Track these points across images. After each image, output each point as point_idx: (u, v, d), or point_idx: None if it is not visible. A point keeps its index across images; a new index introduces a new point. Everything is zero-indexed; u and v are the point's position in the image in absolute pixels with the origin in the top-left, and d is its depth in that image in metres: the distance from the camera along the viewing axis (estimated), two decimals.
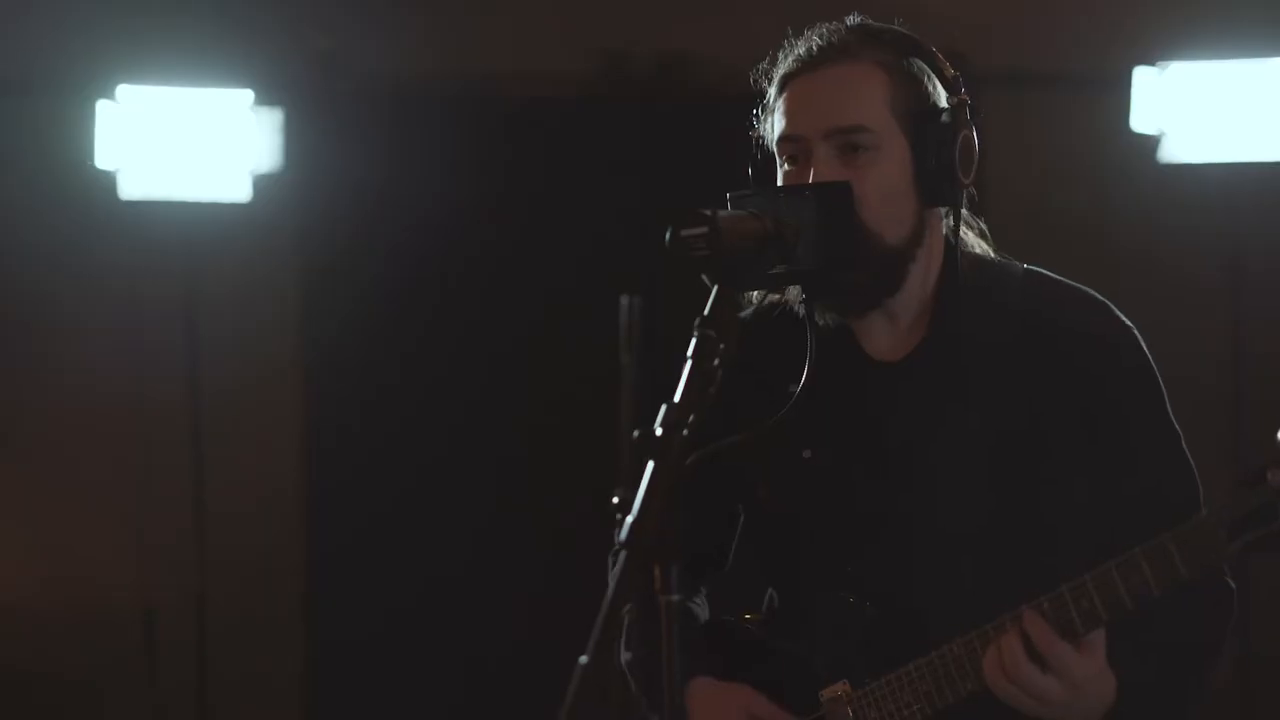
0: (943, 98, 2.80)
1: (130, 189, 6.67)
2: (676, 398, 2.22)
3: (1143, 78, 6.50)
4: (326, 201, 7.07)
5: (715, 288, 2.34)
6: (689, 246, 2.39)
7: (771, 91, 2.85)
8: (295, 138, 6.88)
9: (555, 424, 6.97)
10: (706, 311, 2.30)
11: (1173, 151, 6.50)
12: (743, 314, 2.90)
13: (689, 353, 2.26)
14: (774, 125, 2.83)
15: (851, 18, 2.88)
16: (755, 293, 2.83)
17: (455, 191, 7.02)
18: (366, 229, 7.07)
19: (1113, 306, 2.88)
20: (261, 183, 6.79)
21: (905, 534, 2.83)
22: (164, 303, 6.99)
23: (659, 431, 2.19)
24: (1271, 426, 2.64)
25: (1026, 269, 2.91)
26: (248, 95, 6.70)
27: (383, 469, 7.10)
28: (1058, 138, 6.85)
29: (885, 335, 2.86)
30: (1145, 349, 2.86)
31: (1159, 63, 6.47)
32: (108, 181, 6.66)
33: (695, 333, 2.27)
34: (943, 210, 2.84)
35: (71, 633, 7.10)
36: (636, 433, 2.18)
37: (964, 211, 2.83)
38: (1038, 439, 2.79)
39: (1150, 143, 6.50)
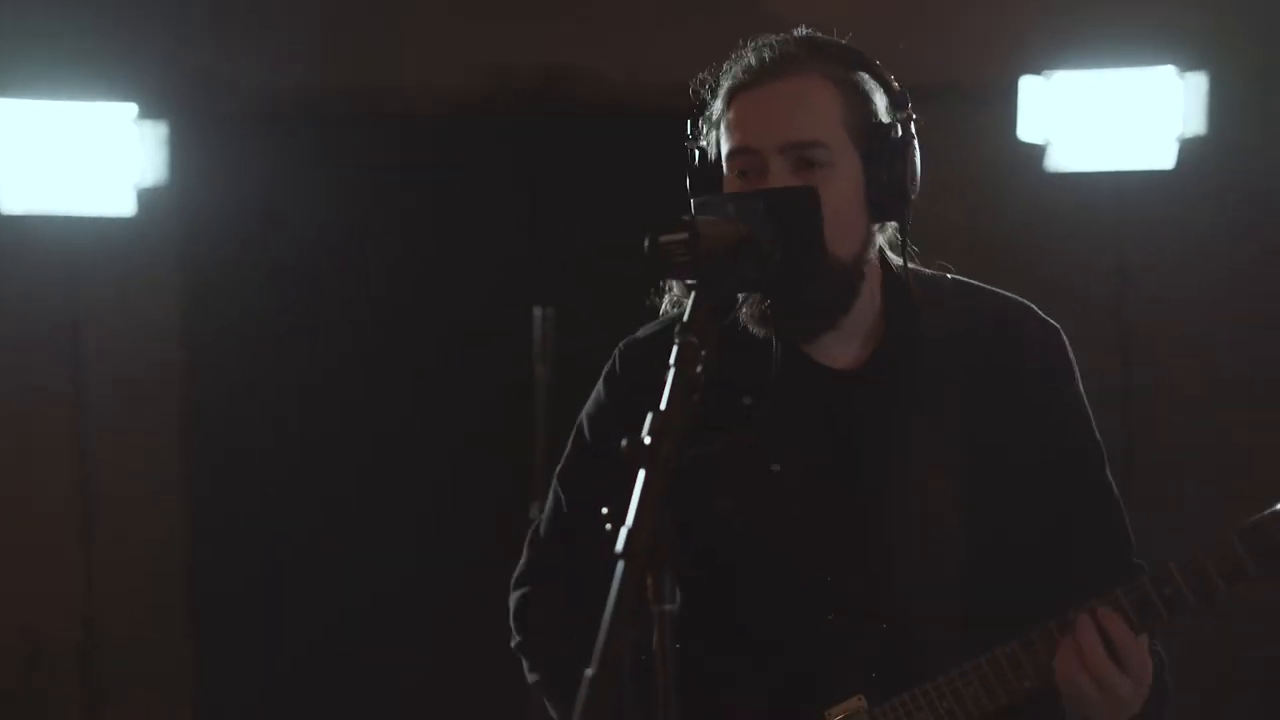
0: (886, 112, 2.82)
1: (10, 203, 6.58)
2: (663, 405, 2.19)
3: (1029, 87, 6.54)
4: (210, 216, 7.02)
5: (693, 294, 2.32)
6: (669, 252, 2.37)
7: (717, 104, 2.83)
8: (179, 152, 6.81)
9: (466, 437, 6.94)
10: (686, 318, 2.28)
11: (1059, 160, 6.54)
12: (657, 321, 2.91)
13: (671, 360, 2.24)
14: (722, 138, 2.81)
15: (799, 30, 2.87)
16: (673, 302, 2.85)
17: (341, 207, 6.98)
18: (251, 244, 7.02)
19: (1036, 309, 2.95)
20: (145, 197, 6.72)
21: (887, 542, 2.83)
22: (46, 319, 6.90)
23: (648, 440, 2.16)
24: (1158, 432, 2.71)
25: (952, 278, 2.95)
26: (131, 108, 6.64)
27: (268, 491, 7.04)
28: (945, 147, 6.81)
29: (836, 346, 2.86)
30: (1069, 348, 2.93)
31: (1045, 72, 6.51)
32: None
33: (676, 340, 2.25)
34: (878, 225, 2.85)
35: None
36: (625, 442, 2.15)
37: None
38: (995, 439, 2.83)
39: (1037, 151, 6.54)
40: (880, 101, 2.81)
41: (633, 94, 6.33)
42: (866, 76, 2.81)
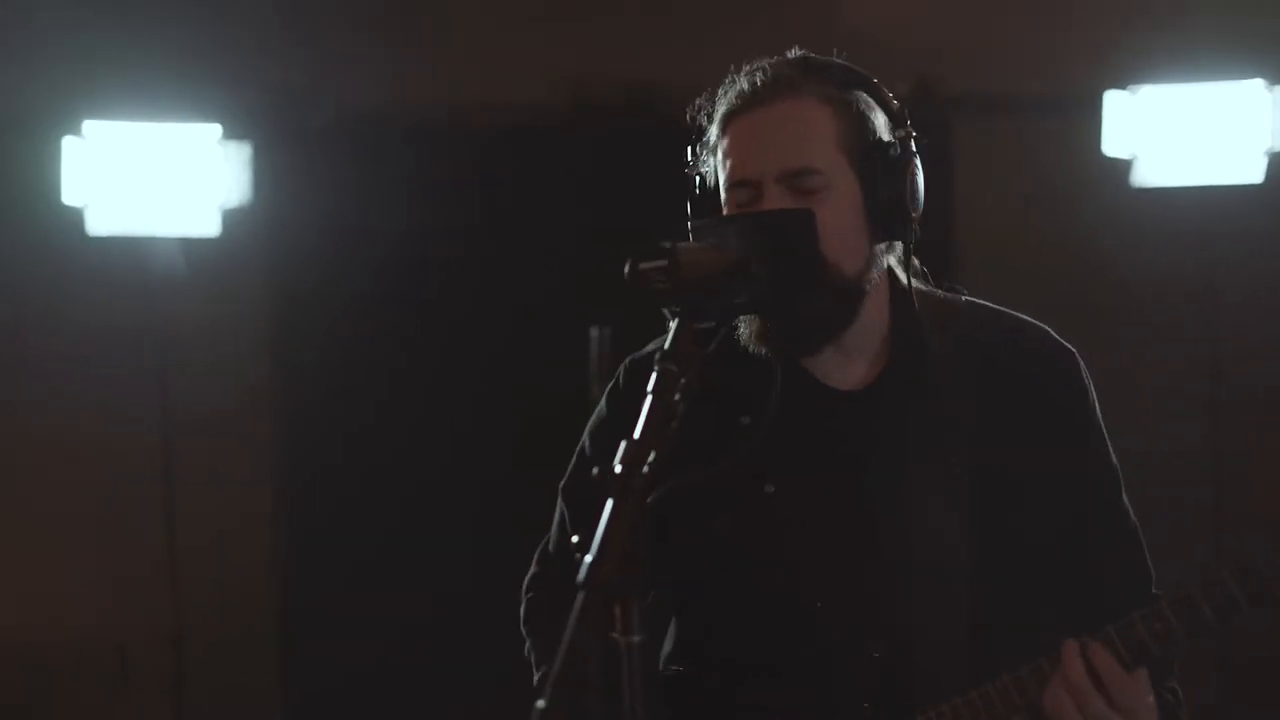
0: (886, 130, 2.78)
1: (98, 225, 6.63)
2: (637, 434, 2.17)
3: (1114, 101, 6.49)
4: (295, 235, 7.04)
5: (675, 321, 2.31)
6: (649, 279, 2.35)
7: (713, 130, 2.81)
8: (263, 172, 6.85)
9: (527, 455, 6.93)
10: (667, 345, 2.26)
11: (1145, 175, 6.49)
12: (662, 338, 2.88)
13: (649, 387, 2.22)
14: (720, 166, 2.79)
15: (792, 51, 2.84)
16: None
17: (424, 224, 6.99)
18: (335, 262, 7.04)
19: (1052, 332, 2.90)
20: (230, 217, 6.76)
21: (883, 568, 2.78)
22: (133, 340, 6.94)
23: (619, 469, 2.14)
24: (1246, 444, 2.68)
25: (967, 300, 2.91)
26: (215, 129, 6.67)
27: (356, 503, 7.07)
28: (1030, 162, 6.83)
29: (838, 367, 2.83)
30: (1085, 372, 2.88)
31: (1130, 86, 6.46)
32: (75, 218, 6.62)
33: (656, 367, 2.23)
34: (884, 245, 2.80)
35: (45, 673, 7.04)
36: (596, 470, 2.13)
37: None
38: (1003, 462, 2.79)
39: (1122, 166, 6.49)
40: (879, 120, 2.77)
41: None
42: (863, 95, 2.78)
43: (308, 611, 7.15)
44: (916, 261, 2.86)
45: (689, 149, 2.88)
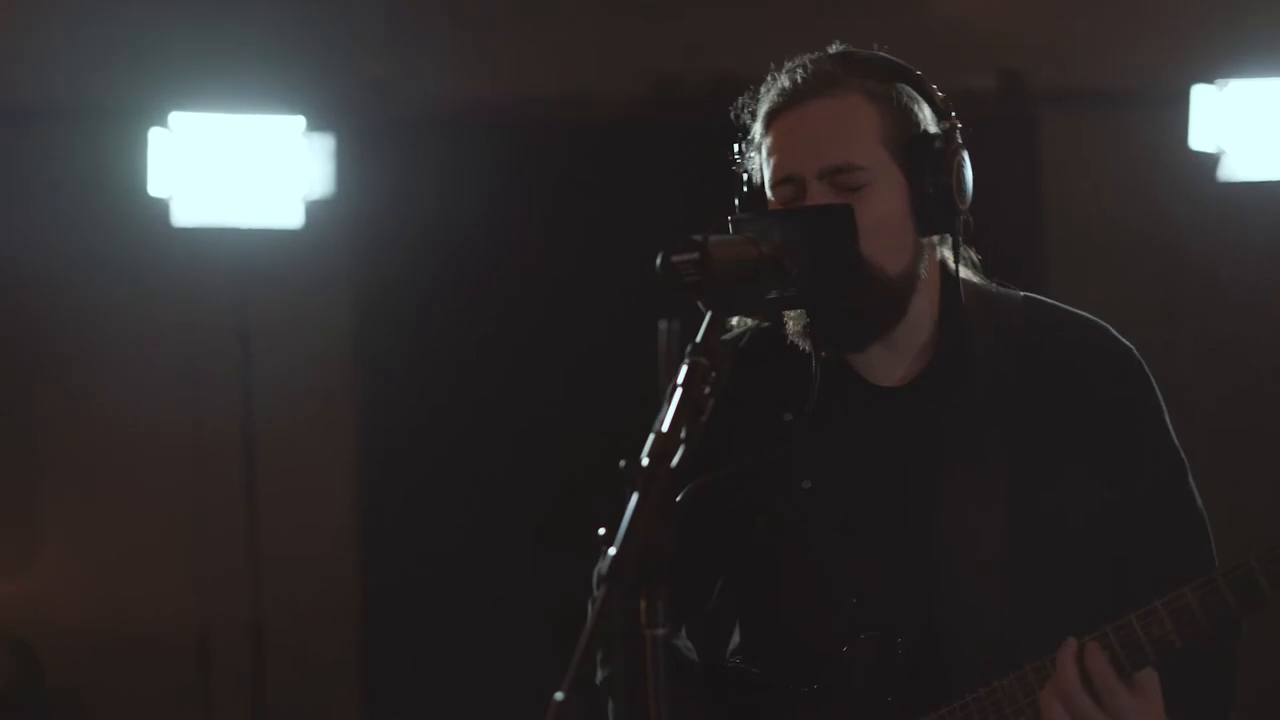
0: (931, 123, 2.75)
1: (183, 216, 6.67)
2: (664, 426, 2.17)
3: (1201, 95, 6.45)
4: (378, 227, 7.07)
5: (707, 314, 2.30)
6: (679, 272, 2.36)
7: (757, 128, 2.80)
8: (347, 163, 6.88)
9: (600, 450, 6.93)
10: (698, 338, 2.25)
11: (1232, 169, 6.45)
12: (730, 339, 2.86)
13: (679, 380, 2.21)
14: (765, 164, 2.77)
15: (834, 46, 2.82)
16: (747, 319, 2.81)
17: (507, 215, 7.00)
18: (419, 254, 7.06)
19: (1111, 329, 2.85)
20: (314, 209, 6.78)
21: (921, 563, 2.76)
22: (217, 330, 6.98)
23: (645, 461, 2.13)
24: None
25: (1025, 296, 2.87)
26: (299, 121, 6.71)
27: (437, 496, 7.08)
28: (1117, 155, 6.80)
29: (884, 364, 2.80)
30: (1147, 370, 2.83)
31: (1217, 80, 6.42)
32: (161, 209, 6.66)
33: (686, 360, 2.22)
34: (934, 239, 2.77)
35: (127, 661, 7.09)
36: (622, 463, 2.13)
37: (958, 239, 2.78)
38: (1049, 462, 2.76)
39: (1210, 161, 6.45)
40: (924, 113, 2.74)
41: None
42: (907, 88, 2.75)
43: (387, 600, 7.17)
44: (973, 255, 2.84)
45: (734, 147, 2.86)
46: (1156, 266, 6.04)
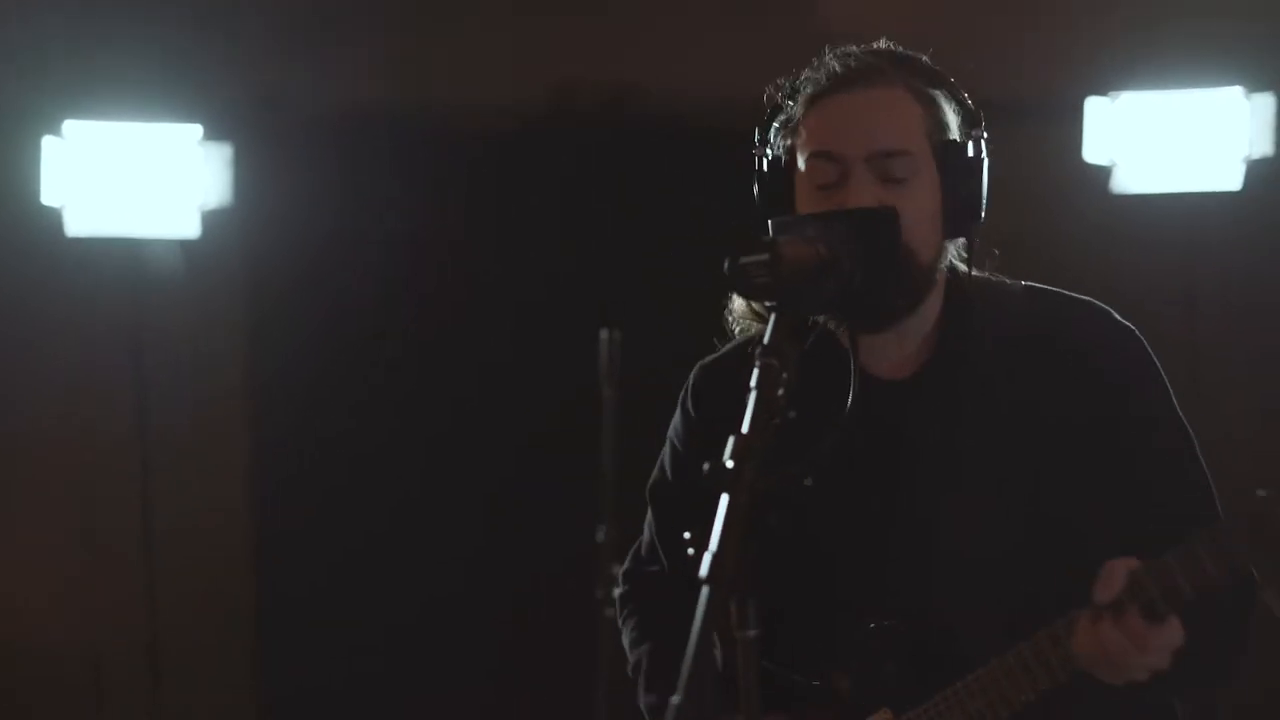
0: (960, 130, 2.82)
1: (77, 226, 6.61)
2: (744, 429, 2.20)
3: (1095, 108, 6.50)
4: (275, 237, 7.02)
5: (774, 315, 2.33)
6: (750, 274, 2.37)
7: (797, 109, 2.81)
8: (243, 172, 6.83)
9: (530, 458, 6.92)
10: (767, 340, 2.29)
11: (1125, 182, 6.50)
12: (732, 343, 2.89)
13: (753, 383, 2.25)
14: (800, 144, 2.79)
15: (880, 43, 2.88)
16: (741, 324, 2.84)
17: (406, 225, 6.98)
18: (315, 264, 7.02)
19: (1113, 312, 2.92)
20: (210, 218, 6.74)
21: (926, 552, 2.80)
22: (112, 341, 6.93)
23: (730, 464, 2.16)
24: (1223, 455, 2.66)
25: (1025, 285, 2.93)
26: (196, 130, 6.66)
27: (334, 511, 7.03)
28: (1010, 168, 6.81)
29: (890, 356, 2.85)
30: (1149, 349, 2.90)
31: (1110, 93, 6.47)
32: (54, 218, 6.60)
33: (757, 362, 2.26)
34: (950, 241, 2.83)
35: (18, 681, 7.01)
36: (707, 466, 2.15)
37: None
38: (1053, 449, 2.79)
39: (1103, 173, 6.50)
40: (954, 119, 2.81)
41: (698, 111, 6.33)
42: (943, 94, 2.80)
43: (283, 616, 7.12)
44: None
45: (759, 129, 2.88)
46: (1049, 278, 6.05)
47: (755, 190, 2.86)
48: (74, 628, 7.03)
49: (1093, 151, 6.52)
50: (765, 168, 2.84)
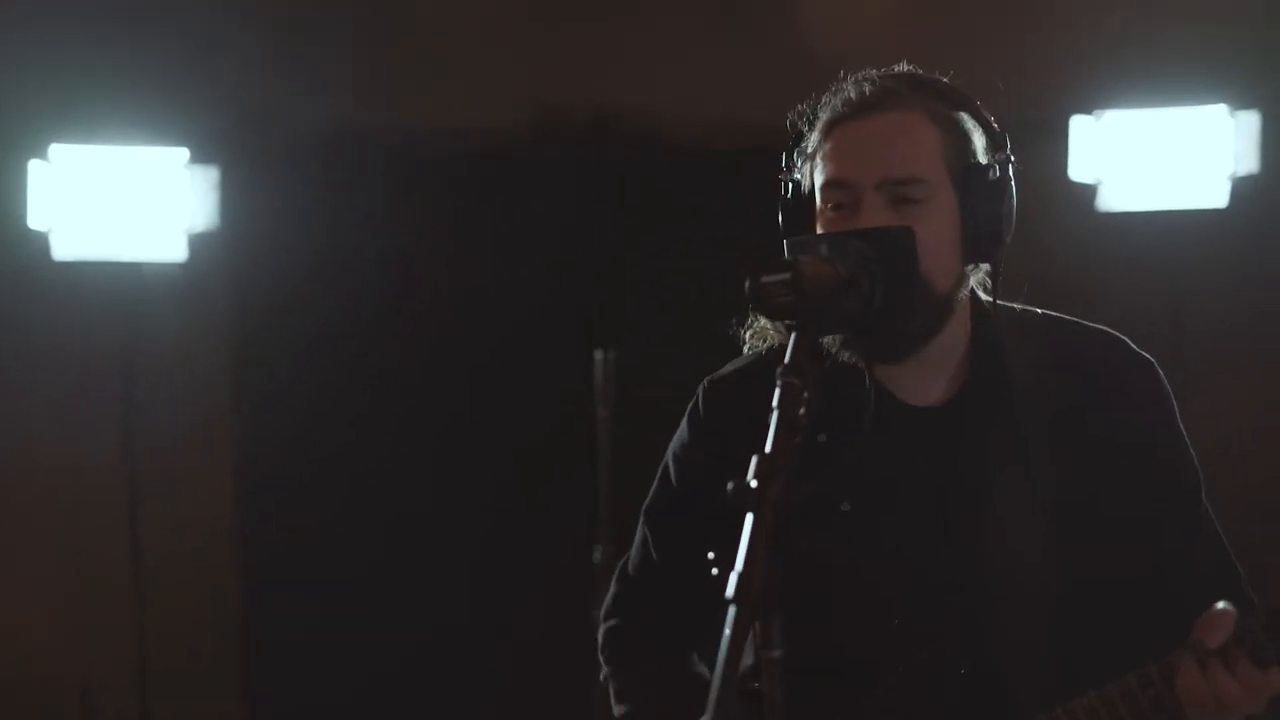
0: (984, 152, 2.77)
1: (64, 249, 6.61)
2: (768, 448, 2.19)
3: (1080, 126, 6.52)
4: (262, 259, 7.02)
5: (794, 335, 2.32)
6: (770, 293, 2.35)
7: (815, 136, 2.78)
8: (231, 195, 6.83)
9: (527, 480, 6.91)
10: (788, 360, 2.28)
11: (1110, 200, 6.51)
12: (741, 360, 2.90)
13: (774, 403, 2.24)
14: (817, 170, 2.76)
15: (901, 66, 2.85)
16: (756, 344, 2.84)
17: (393, 246, 6.98)
18: (302, 287, 7.02)
19: (1130, 342, 2.90)
20: (197, 242, 6.74)
21: (967, 584, 2.78)
22: (99, 364, 6.92)
23: (754, 484, 2.16)
24: (1210, 470, 2.67)
25: (1043, 313, 2.91)
26: (182, 153, 6.66)
27: (321, 536, 7.02)
28: None
29: (918, 383, 2.82)
30: (1165, 382, 2.88)
31: (1095, 111, 6.48)
32: (41, 242, 6.60)
33: (779, 381, 2.24)
34: (971, 266, 2.80)
35: (7, 710, 6.99)
36: (730, 485, 2.15)
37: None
38: (1087, 476, 2.77)
39: (1088, 191, 6.51)
40: (979, 142, 2.77)
41: (684, 131, 6.34)
42: (966, 116, 2.78)
43: (272, 641, 7.11)
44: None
45: (784, 155, 2.86)
46: (1034, 296, 6.05)
47: (780, 218, 2.83)
48: (63, 654, 7.01)
49: (1078, 170, 6.53)
50: (788, 196, 2.82)
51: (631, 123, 6.84)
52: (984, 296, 2.83)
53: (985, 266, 2.81)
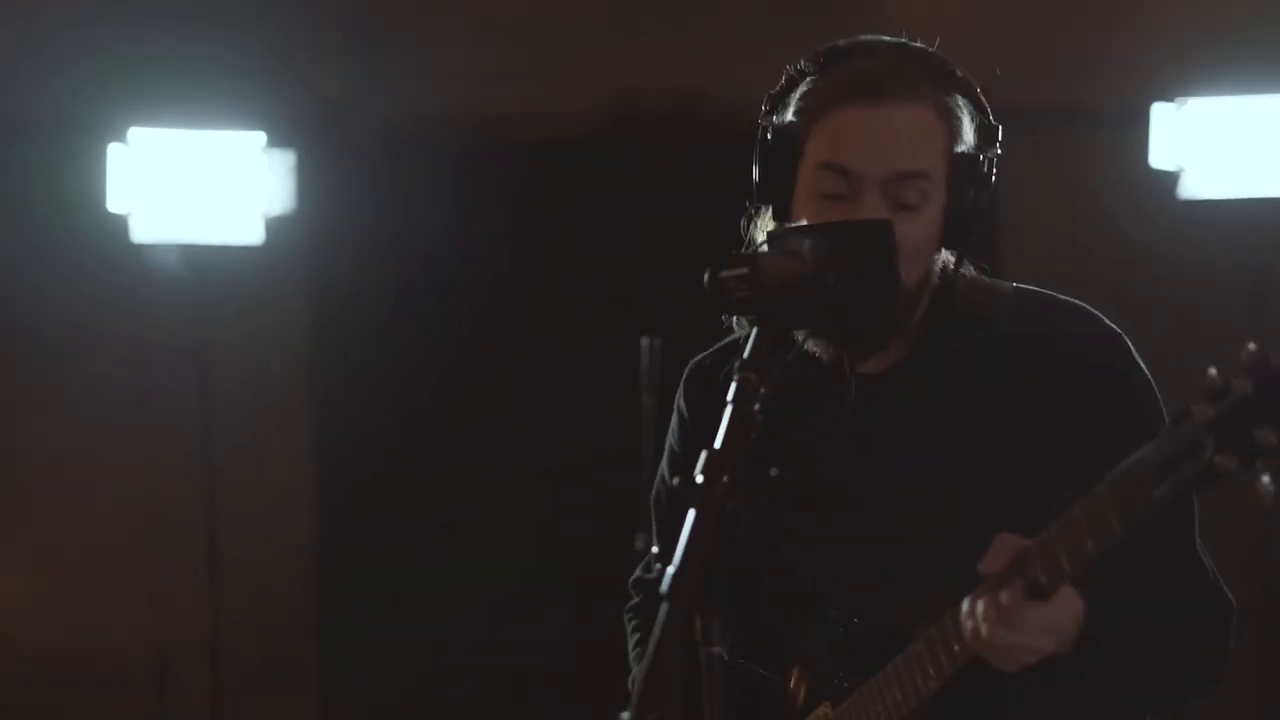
0: (974, 134, 2.72)
1: (142, 232, 6.64)
2: (717, 444, 2.17)
3: (1161, 114, 6.46)
4: (338, 244, 7.05)
5: (754, 330, 2.29)
6: (728, 288, 2.33)
7: (813, 97, 2.71)
8: (307, 180, 6.86)
9: (577, 466, 6.92)
10: (746, 354, 2.25)
11: (1192, 188, 6.46)
12: (726, 344, 2.88)
13: (729, 397, 2.21)
14: (815, 144, 2.69)
15: (913, 40, 2.76)
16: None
17: (468, 233, 6.99)
18: (378, 272, 7.05)
19: (1103, 317, 2.81)
20: (273, 225, 6.76)
21: (886, 548, 2.75)
22: (175, 347, 6.96)
23: (700, 479, 2.14)
24: None
25: (1016, 287, 2.84)
26: (260, 137, 6.69)
27: (396, 515, 7.06)
28: (1076, 174, 6.81)
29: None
30: (1136, 355, 2.79)
31: (1177, 99, 6.43)
32: (119, 225, 6.63)
33: (735, 376, 2.22)
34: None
35: (86, 682, 7.05)
36: (677, 480, 2.14)
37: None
38: (1029, 452, 2.71)
39: (1170, 179, 6.46)
40: (969, 125, 2.71)
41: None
42: (964, 101, 2.72)
43: (346, 623, 7.15)
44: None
45: (765, 102, 2.78)
46: (1116, 285, 6.02)
47: (754, 171, 2.77)
48: (140, 637, 7.06)
49: (1159, 157, 6.48)
50: (770, 155, 2.75)
51: (710, 109, 6.82)
52: (947, 258, 2.76)
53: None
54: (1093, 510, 2.40)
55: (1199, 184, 6.46)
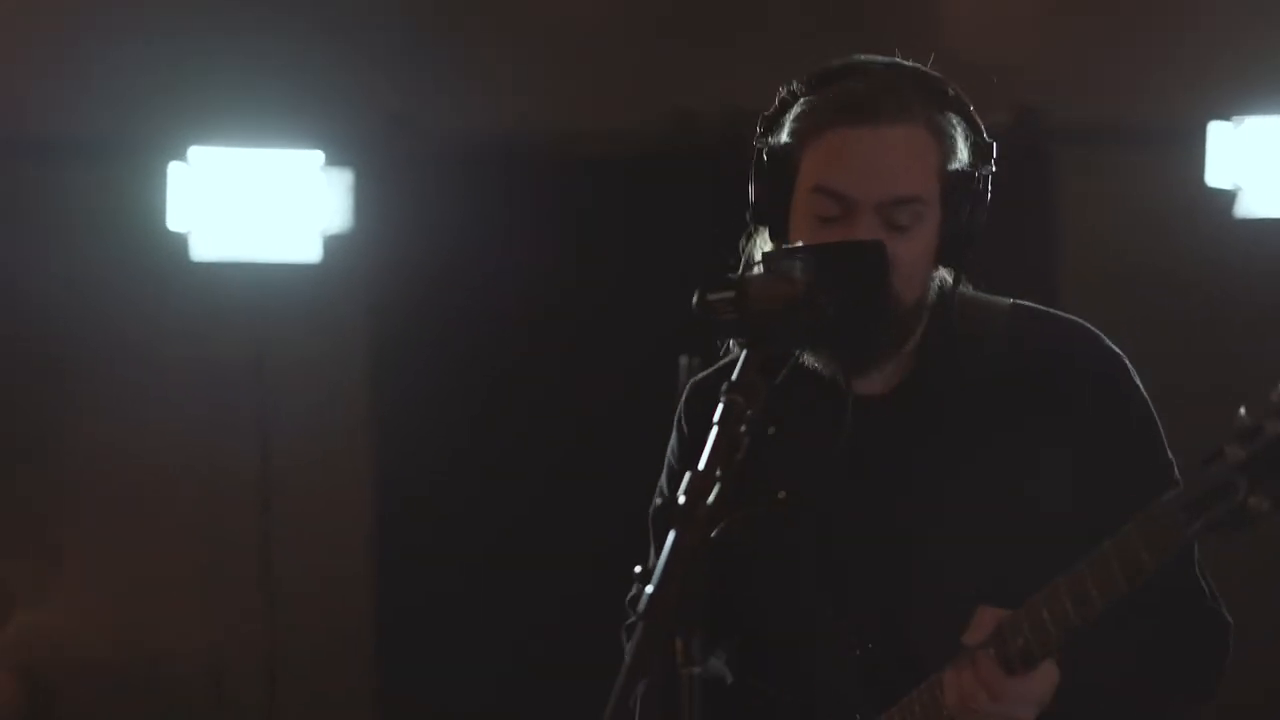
0: (969, 152, 2.71)
1: (201, 251, 6.69)
2: (701, 465, 2.18)
3: (1217, 132, 6.45)
4: (397, 262, 7.07)
5: (743, 352, 2.30)
6: (716, 310, 2.34)
7: (807, 117, 2.72)
8: (365, 198, 6.90)
9: (633, 482, 6.92)
10: (734, 376, 2.25)
11: (1249, 206, 6.44)
12: (725, 364, 2.88)
13: (715, 419, 2.22)
14: (809, 166, 2.70)
15: (906, 60, 2.75)
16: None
17: (525, 251, 7.01)
18: (437, 289, 7.07)
19: (1102, 336, 2.80)
20: (332, 244, 6.80)
21: (893, 570, 2.74)
22: (235, 364, 6.99)
23: (682, 499, 2.15)
24: None
25: (1014, 304, 2.83)
26: (318, 156, 6.72)
27: (453, 532, 7.07)
28: (1133, 192, 6.80)
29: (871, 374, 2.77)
30: (1135, 377, 2.78)
31: (1234, 117, 6.42)
32: (179, 243, 6.68)
33: (722, 398, 2.23)
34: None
35: (141, 693, 7.09)
36: (659, 501, 2.16)
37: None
38: (1029, 471, 2.71)
39: (1226, 198, 6.45)
40: (963, 143, 2.70)
41: None
42: (957, 119, 2.71)
43: (404, 641, 7.16)
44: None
45: (760, 124, 2.80)
46: (1172, 303, 6.04)
47: (750, 192, 2.79)
48: (197, 646, 7.09)
49: (1216, 176, 6.47)
50: (765, 177, 2.76)
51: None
52: (943, 277, 2.76)
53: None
54: (1121, 549, 2.41)
55: (1256, 202, 6.45)
